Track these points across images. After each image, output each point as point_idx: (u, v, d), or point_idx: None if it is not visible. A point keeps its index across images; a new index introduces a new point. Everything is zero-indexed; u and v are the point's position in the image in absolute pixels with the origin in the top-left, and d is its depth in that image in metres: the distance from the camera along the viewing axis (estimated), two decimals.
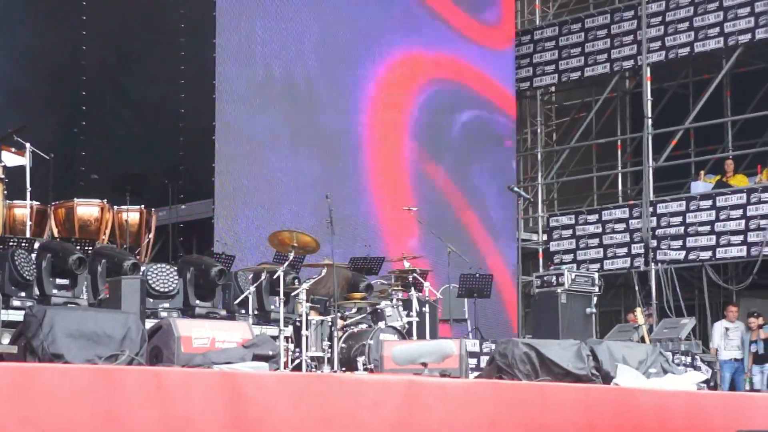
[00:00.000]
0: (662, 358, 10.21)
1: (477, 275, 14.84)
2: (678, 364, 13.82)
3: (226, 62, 14.84)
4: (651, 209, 17.77)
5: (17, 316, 9.31)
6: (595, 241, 18.43)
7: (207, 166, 14.45)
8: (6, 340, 7.73)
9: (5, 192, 12.10)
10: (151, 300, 11.00)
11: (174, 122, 15.22)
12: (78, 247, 10.75)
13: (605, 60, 18.82)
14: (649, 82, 18.15)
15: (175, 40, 15.31)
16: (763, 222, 16.59)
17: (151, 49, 15.14)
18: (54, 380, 5.91)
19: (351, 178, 16.21)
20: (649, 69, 18.19)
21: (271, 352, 8.24)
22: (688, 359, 14.68)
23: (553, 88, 20.66)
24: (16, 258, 10.29)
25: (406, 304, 11.81)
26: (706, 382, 13.46)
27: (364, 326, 11.12)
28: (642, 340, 13.93)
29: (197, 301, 11.40)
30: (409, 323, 11.58)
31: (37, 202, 12.59)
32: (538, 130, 20.41)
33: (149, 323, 9.10)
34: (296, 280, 11.45)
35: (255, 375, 6.89)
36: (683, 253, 17.40)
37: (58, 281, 10.52)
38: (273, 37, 15.54)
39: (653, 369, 9.91)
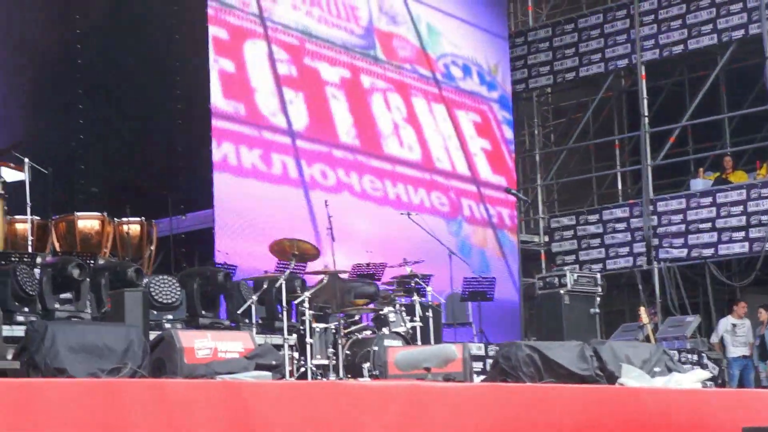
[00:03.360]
0: (666, 357, 10.19)
1: (480, 278, 14.84)
2: (684, 363, 13.80)
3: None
4: (651, 207, 17.77)
5: (21, 331, 9.31)
6: (596, 241, 18.42)
7: (206, 176, 14.46)
8: (9, 356, 7.72)
9: (5, 208, 12.08)
10: (155, 312, 11.00)
11: (171, 133, 15.24)
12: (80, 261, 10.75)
13: (599, 60, 18.83)
14: (644, 81, 18.15)
15: (169, 50, 15.33)
16: (764, 218, 16.57)
17: (146, 60, 15.15)
18: (57, 394, 5.91)
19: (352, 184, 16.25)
20: (643, 67, 18.20)
21: (274, 362, 8.23)
22: (695, 357, 14.66)
23: (549, 89, 20.66)
24: (18, 273, 10.27)
25: (410, 310, 11.81)
26: (714, 379, 13.46)
27: (368, 333, 11.13)
28: (647, 339, 13.92)
29: (201, 312, 11.41)
30: (413, 328, 11.59)
31: (38, 217, 12.59)
32: (536, 132, 20.40)
33: (153, 335, 9.10)
34: (300, 284, 11.47)
35: (257, 384, 6.88)
36: (685, 250, 17.38)
37: (62, 296, 10.52)
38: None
39: (657, 368, 9.90)
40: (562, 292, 14.15)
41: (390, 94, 16.20)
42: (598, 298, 14.45)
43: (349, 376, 10.44)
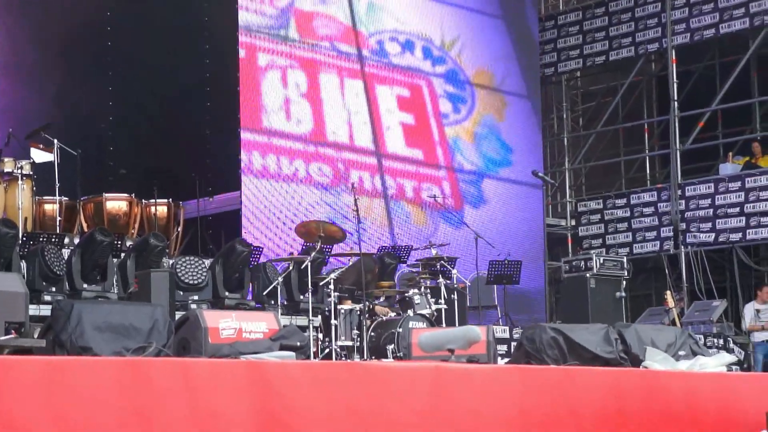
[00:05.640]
0: (691, 341, 10.17)
1: (506, 262, 14.86)
2: (710, 347, 13.78)
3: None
4: (679, 192, 17.70)
5: (48, 311, 9.42)
6: (623, 225, 18.38)
7: (233, 159, 14.52)
8: (36, 335, 7.80)
9: (34, 188, 12.22)
10: (181, 293, 11.10)
11: (200, 115, 15.31)
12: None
13: (630, 43, 18.76)
14: (674, 65, 18.06)
15: (199, 33, 15.39)
16: None
17: (175, 43, 15.21)
18: (82, 373, 5.97)
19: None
20: (674, 51, 18.11)
21: (299, 343, 8.28)
22: (721, 341, 14.63)
23: (578, 73, 20.60)
24: (46, 253, 10.41)
25: (435, 292, 11.84)
26: (740, 363, 13.40)
27: (393, 314, 11.17)
28: (673, 323, 13.90)
29: (227, 293, 11.49)
30: (438, 311, 11.62)
31: (66, 198, 12.71)
32: (564, 116, 20.35)
33: (180, 316, 9.17)
34: (323, 257, 11.52)
35: (281, 364, 6.92)
36: (713, 235, 17.33)
37: (89, 275, 10.65)
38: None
39: (682, 351, 9.87)
40: (588, 275, 14.17)
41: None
42: (624, 282, 14.45)
43: (374, 357, 10.48)
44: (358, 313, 10.75)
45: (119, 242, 11.27)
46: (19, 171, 11.93)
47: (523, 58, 18.72)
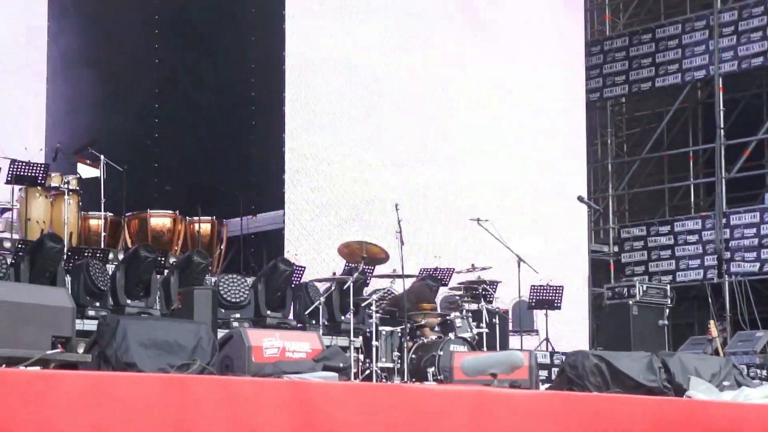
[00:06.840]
0: (736, 371, 10.07)
1: (547, 287, 14.77)
2: (753, 378, 13.62)
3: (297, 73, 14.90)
4: (724, 221, 17.56)
5: (91, 325, 9.47)
6: (667, 253, 18.26)
7: (278, 178, 14.54)
8: (81, 350, 7.85)
9: (80, 203, 12.32)
10: (223, 310, 11.14)
11: (245, 133, 15.37)
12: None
13: (676, 70, 18.66)
14: (721, 93, 17.95)
15: (245, 52, 15.46)
16: None
17: (220, 61, 15.29)
18: (127, 388, 5.98)
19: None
20: (721, 79, 18.00)
21: (342, 365, 8.28)
22: (764, 372, 14.46)
23: (623, 99, 20.52)
24: (90, 268, 10.49)
25: (476, 316, 11.80)
26: None
27: (434, 337, 11.14)
28: (716, 353, 13.76)
29: (268, 312, 11.51)
30: (479, 335, 11.57)
31: (111, 214, 12.81)
32: (609, 141, 20.27)
33: (221, 333, 9.20)
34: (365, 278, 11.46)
35: (324, 385, 6.91)
36: (757, 264, 17.16)
37: (132, 290, 10.71)
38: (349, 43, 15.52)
39: (727, 382, 9.78)
40: (630, 302, 14.05)
41: None
42: (667, 310, 14.31)
43: (414, 380, 10.45)
44: (399, 335, 10.73)
45: (163, 259, 11.32)
46: (66, 186, 12.04)
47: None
